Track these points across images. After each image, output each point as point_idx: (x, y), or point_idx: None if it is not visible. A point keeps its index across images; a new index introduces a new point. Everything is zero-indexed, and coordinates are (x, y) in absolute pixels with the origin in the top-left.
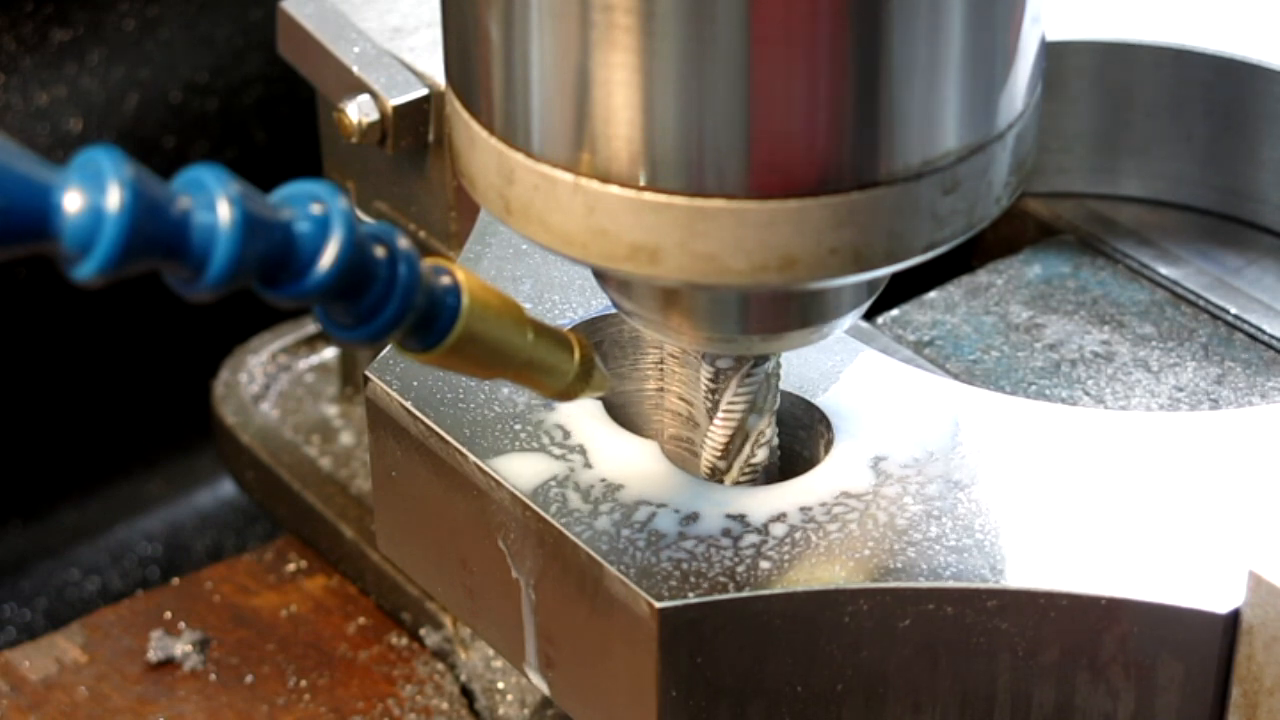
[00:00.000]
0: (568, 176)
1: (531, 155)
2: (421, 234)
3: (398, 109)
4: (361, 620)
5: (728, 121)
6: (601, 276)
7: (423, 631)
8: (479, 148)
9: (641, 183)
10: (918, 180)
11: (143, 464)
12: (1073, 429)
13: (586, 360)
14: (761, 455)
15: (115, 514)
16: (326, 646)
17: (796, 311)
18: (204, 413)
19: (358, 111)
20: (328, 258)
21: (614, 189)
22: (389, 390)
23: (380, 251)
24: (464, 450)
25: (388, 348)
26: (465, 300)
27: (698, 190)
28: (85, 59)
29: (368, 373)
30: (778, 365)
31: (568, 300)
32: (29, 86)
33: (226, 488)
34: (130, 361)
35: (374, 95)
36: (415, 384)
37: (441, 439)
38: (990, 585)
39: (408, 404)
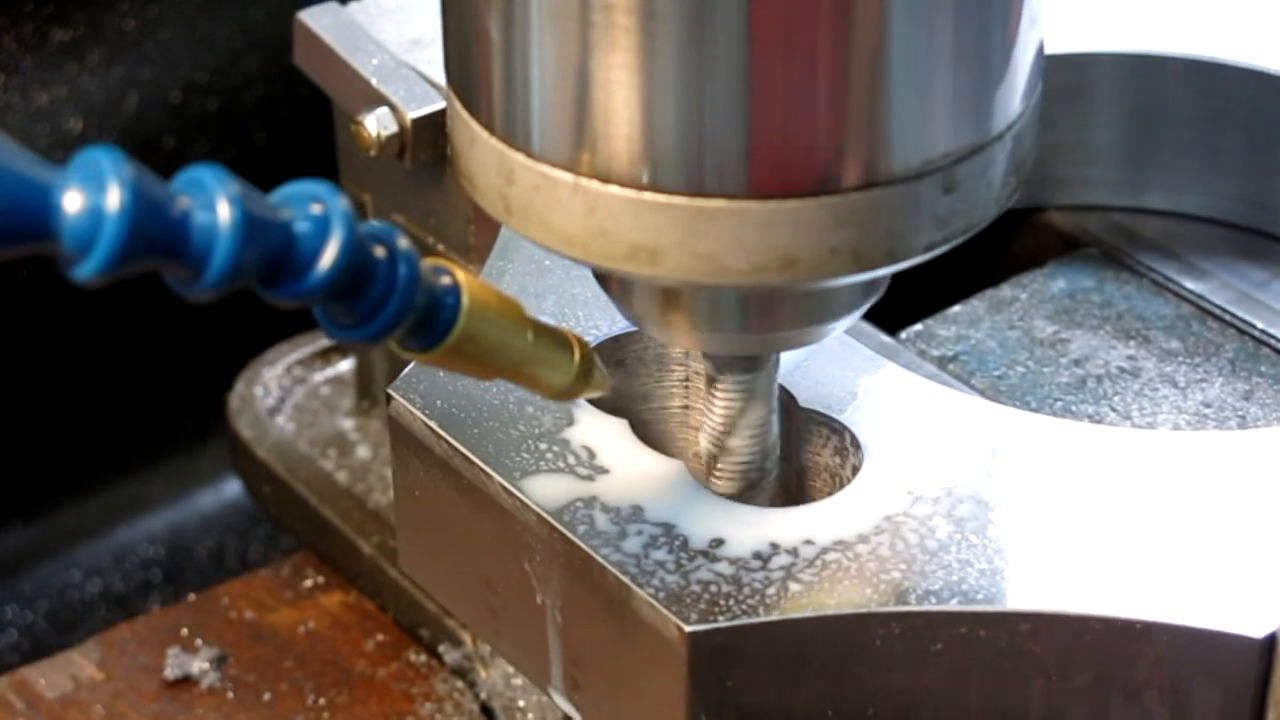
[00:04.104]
0: (568, 176)
1: (531, 155)
2: (440, 247)
3: (416, 122)
4: (380, 637)
5: (728, 121)
6: (602, 277)
7: (442, 648)
8: (479, 148)
9: (641, 183)
10: (918, 180)
11: (145, 465)
12: (1104, 449)
13: (586, 360)
14: (760, 458)
15: (117, 516)
16: (345, 664)
17: (795, 311)
18: (206, 414)
19: (376, 124)
20: (328, 258)
21: (614, 189)
22: (412, 409)
23: (380, 251)
24: (489, 470)
25: (410, 365)
26: (465, 300)
27: (698, 190)
28: (85, 59)
29: (390, 391)
30: (776, 365)
31: (591, 317)
32: (29, 86)
33: (229, 489)
34: (132, 363)
35: (393, 108)
36: (439, 403)
37: (466, 459)
38: (1023, 608)
39: (431, 423)
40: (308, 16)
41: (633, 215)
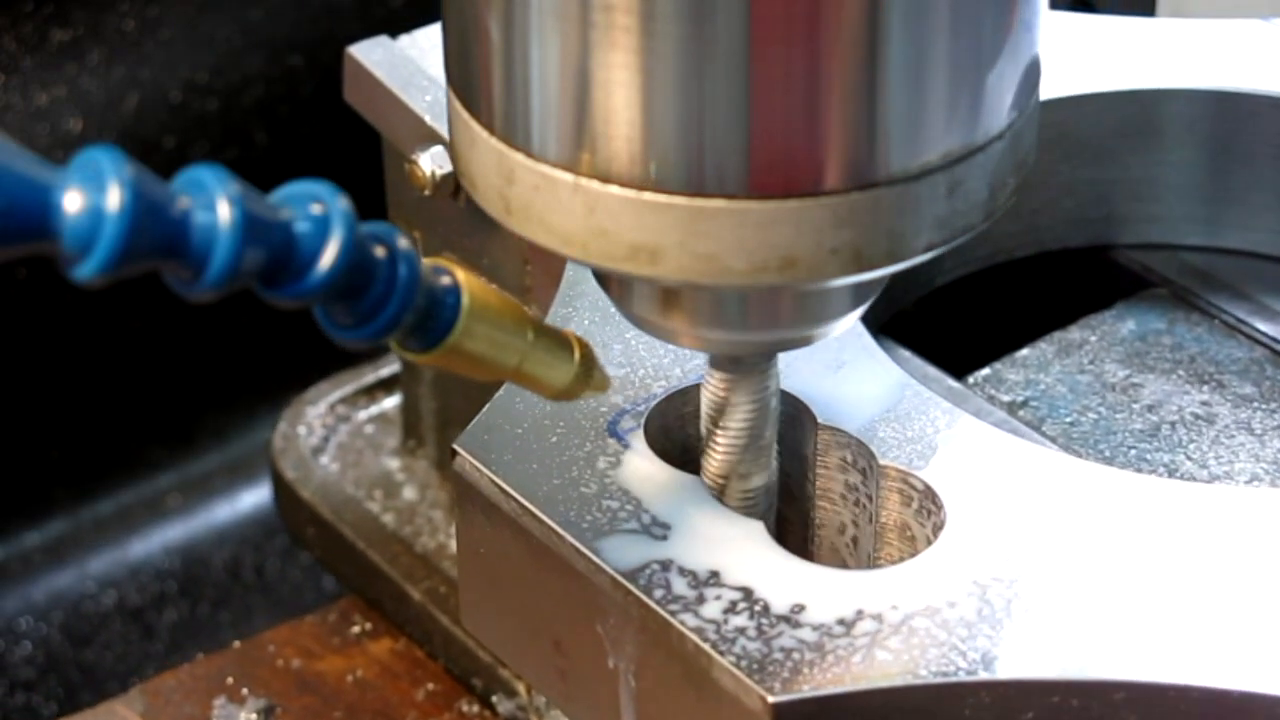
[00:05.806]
0: (568, 176)
1: (531, 155)
2: (493, 287)
3: None
4: (431, 686)
5: (728, 121)
6: (602, 277)
7: (495, 699)
8: (479, 148)
9: (642, 183)
10: (918, 180)
11: (160, 476)
12: (1192, 507)
13: (587, 360)
14: (758, 478)
15: (132, 526)
16: (395, 714)
17: (795, 311)
18: (221, 423)
19: (431, 163)
20: (328, 258)
21: (614, 189)
22: (479, 466)
23: (380, 251)
24: (560, 531)
25: (475, 420)
26: (465, 300)
27: (698, 190)
28: (85, 59)
29: (456, 446)
30: (776, 372)
31: (661, 366)
32: (29, 86)
33: (244, 501)
34: (146, 371)
35: (447, 146)
36: (505, 457)
37: (536, 518)
38: (1117, 677)
39: (499, 480)
40: (358, 51)
41: (633, 215)
